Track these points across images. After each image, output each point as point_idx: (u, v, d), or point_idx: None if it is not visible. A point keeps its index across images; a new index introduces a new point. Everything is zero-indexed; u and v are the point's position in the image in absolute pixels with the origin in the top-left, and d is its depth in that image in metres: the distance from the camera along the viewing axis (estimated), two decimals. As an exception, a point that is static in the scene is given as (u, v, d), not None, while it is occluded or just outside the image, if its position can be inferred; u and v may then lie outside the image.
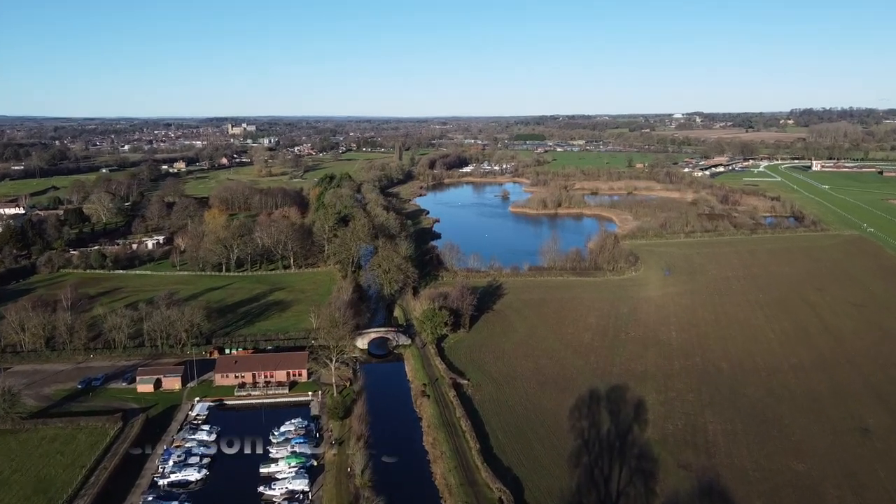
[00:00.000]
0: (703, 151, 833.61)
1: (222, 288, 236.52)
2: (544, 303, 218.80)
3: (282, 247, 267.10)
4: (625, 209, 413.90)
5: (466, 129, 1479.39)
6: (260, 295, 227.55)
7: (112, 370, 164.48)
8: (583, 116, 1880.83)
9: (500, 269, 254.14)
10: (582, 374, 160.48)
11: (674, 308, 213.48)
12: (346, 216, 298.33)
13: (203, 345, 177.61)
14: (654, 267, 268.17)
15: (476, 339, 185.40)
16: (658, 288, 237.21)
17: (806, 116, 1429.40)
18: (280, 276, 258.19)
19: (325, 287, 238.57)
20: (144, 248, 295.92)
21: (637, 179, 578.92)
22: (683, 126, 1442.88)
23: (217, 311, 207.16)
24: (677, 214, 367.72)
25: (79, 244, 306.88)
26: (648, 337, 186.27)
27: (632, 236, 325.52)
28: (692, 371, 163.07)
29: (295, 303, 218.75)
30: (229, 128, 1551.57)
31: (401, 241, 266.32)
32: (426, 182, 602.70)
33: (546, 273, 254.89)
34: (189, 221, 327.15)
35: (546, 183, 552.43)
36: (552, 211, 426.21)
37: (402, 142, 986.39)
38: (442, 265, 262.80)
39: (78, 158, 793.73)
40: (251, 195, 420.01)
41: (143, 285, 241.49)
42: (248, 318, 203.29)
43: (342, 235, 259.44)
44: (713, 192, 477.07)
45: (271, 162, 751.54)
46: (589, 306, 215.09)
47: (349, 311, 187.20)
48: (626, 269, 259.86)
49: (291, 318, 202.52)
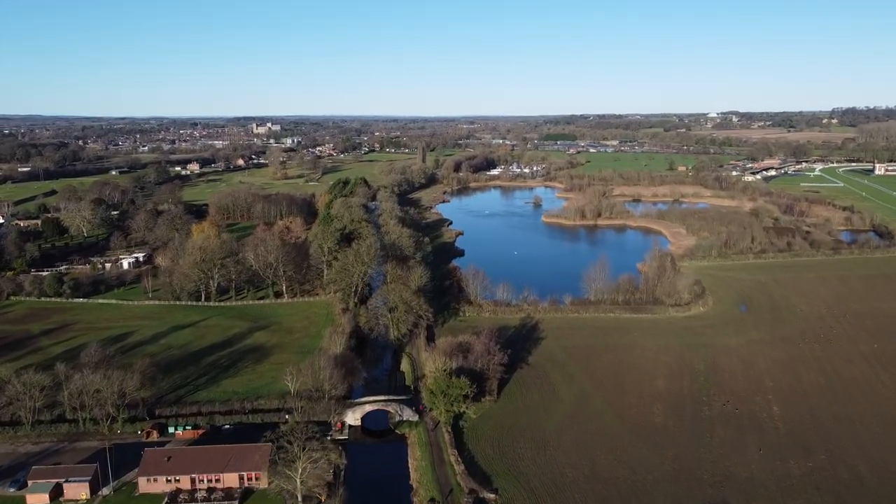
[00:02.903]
0: (750, 153, 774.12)
1: (193, 325, 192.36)
2: (594, 353, 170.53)
3: (272, 271, 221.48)
4: (675, 220, 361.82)
5: (494, 129, 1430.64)
6: (236, 337, 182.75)
7: (10, 460, 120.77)
8: (613, 116, 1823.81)
9: (536, 303, 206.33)
10: (660, 484, 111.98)
11: (766, 364, 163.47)
12: (350, 233, 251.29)
13: (140, 419, 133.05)
14: (725, 299, 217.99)
15: (506, 414, 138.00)
16: (737, 332, 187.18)
17: (850, 115, 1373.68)
18: (268, 307, 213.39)
19: (319, 324, 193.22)
20: (117, 269, 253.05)
21: (682, 184, 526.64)
22: (720, 126, 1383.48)
23: (176, 362, 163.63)
24: (739, 228, 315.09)
25: (47, 262, 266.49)
26: (742, 415, 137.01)
27: (690, 256, 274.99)
28: (820, 479, 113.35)
29: (277, 350, 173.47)
30: (254, 127, 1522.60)
31: (414, 265, 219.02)
32: (450, 186, 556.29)
33: (593, 308, 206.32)
34: (175, 235, 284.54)
35: (582, 188, 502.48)
36: (591, 222, 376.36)
37: (428, 142, 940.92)
38: (464, 295, 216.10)
39: (90, 159, 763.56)
40: (254, 202, 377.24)
41: (100, 319, 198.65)
42: (212, 373, 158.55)
43: (343, 259, 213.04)
44: (773, 201, 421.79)
45: (289, 163, 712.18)
46: (653, 360, 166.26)
47: (339, 372, 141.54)
48: (691, 303, 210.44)
49: (268, 374, 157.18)
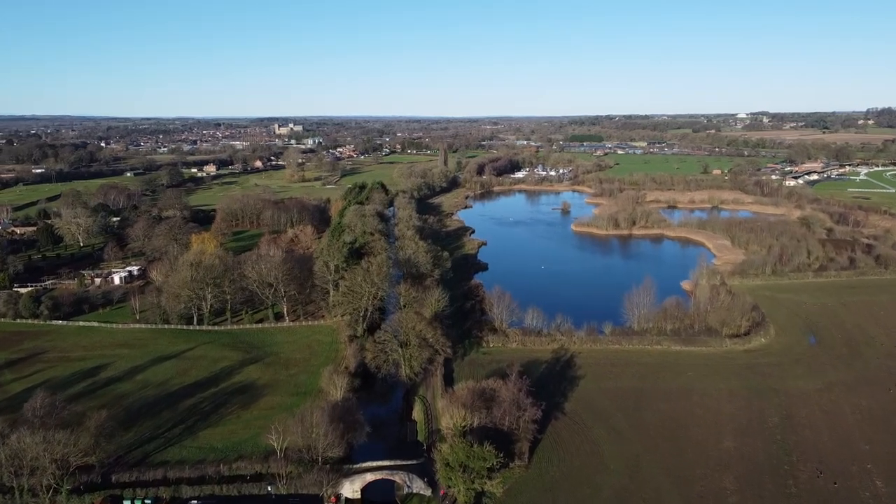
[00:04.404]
0: (787, 155, 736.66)
1: (178, 356, 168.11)
2: (643, 400, 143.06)
3: (272, 291, 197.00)
4: (718, 230, 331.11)
5: (518, 130, 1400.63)
6: (224, 373, 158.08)
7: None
8: (640, 116, 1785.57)
9: (571, 332, 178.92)
10: None
11: (854, 418, 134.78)
12: (361, 247, 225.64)
13: (91, 489, 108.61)
14: (788, 329, 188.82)
15: (540, 488, 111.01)
16: (811, 372, 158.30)
17: (887, 116, 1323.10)
18: (266, 333, 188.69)
19: (321, 355, 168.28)
20: (107, 285, 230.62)
21: (720, 189, 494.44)
22: (750, 127, 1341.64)
23: (149, 405, 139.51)
24: (791, 241, 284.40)
25: (34, 275, 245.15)
26: (840, 492, 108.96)
27: (741, 273, 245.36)
28: None
29: (269, 390, 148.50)
30: (276, 128, 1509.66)
31: (432, 286, 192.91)
32: (473, 190, 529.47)
33: (637, 339, 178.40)
34: (174, 246, 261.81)
35: (612, 193, 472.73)
36: (625, 231, 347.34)
37: (450, 143, 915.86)
38: (487, 320, 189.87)
39: (107, 161, 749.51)
40: (264, 208, 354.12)
41: (76, 347, 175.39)
42: (189, 421, 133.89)
43: (351, 279, 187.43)
44: (822, 208, 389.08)
45: (307, 165, 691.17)
46: (715, 410, 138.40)
47: (336, 428, 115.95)
48: (750, 333, 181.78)
49: (256, 422, 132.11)
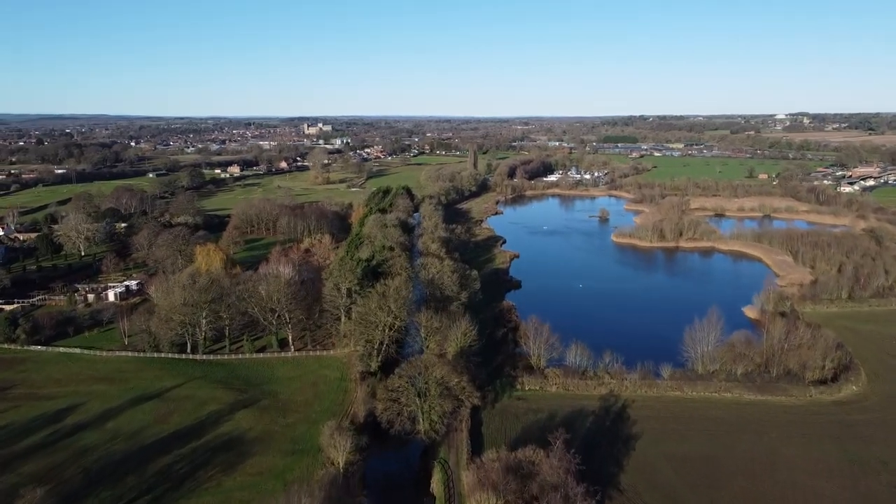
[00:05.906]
0: (837, 158, 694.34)
1: (160, 396, 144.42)
2: (717, 471, 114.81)
3: (275, 317, 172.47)
4: (776, 244, 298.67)
5: (549, 130, 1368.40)
6: (211, 419, 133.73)
7: None
8: (674, 117, 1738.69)
9: (622, 373, 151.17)
10: None
11: None
12: (379, 264, 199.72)
13: None
14: (882, 373, 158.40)
15: None
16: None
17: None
18: (267, 364, 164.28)
19: (327, 398, 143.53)
20: (100, 302, 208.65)
21: (769, 196, 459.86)
22: (791, 128, 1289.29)
23: (114, 465, 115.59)
24: (865, 258, 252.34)
25: (23, 290, 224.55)
26: None
27: (812, 299, 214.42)
28: None
29: (260, 446, 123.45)
30: (305, 127, 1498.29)
31: (458, 313, 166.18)
32: (504, 194, 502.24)
33: (701, 384, 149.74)
34: (177, 258, 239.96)
35: (653, 199, 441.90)
36: (671, 244, 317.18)
37: (480, 144, 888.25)
38: (521, 354, 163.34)
39: (131, 161, 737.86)
40: (280, 215, 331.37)
41: (49, 381, 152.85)
42: (157, 490, 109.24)
43: (364, 305, 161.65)
44: (888, 219, 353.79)
45: (333, 166, 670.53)
46: (813, 489, 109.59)
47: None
48: (839, 378, 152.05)
49: (239, 494, 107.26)
